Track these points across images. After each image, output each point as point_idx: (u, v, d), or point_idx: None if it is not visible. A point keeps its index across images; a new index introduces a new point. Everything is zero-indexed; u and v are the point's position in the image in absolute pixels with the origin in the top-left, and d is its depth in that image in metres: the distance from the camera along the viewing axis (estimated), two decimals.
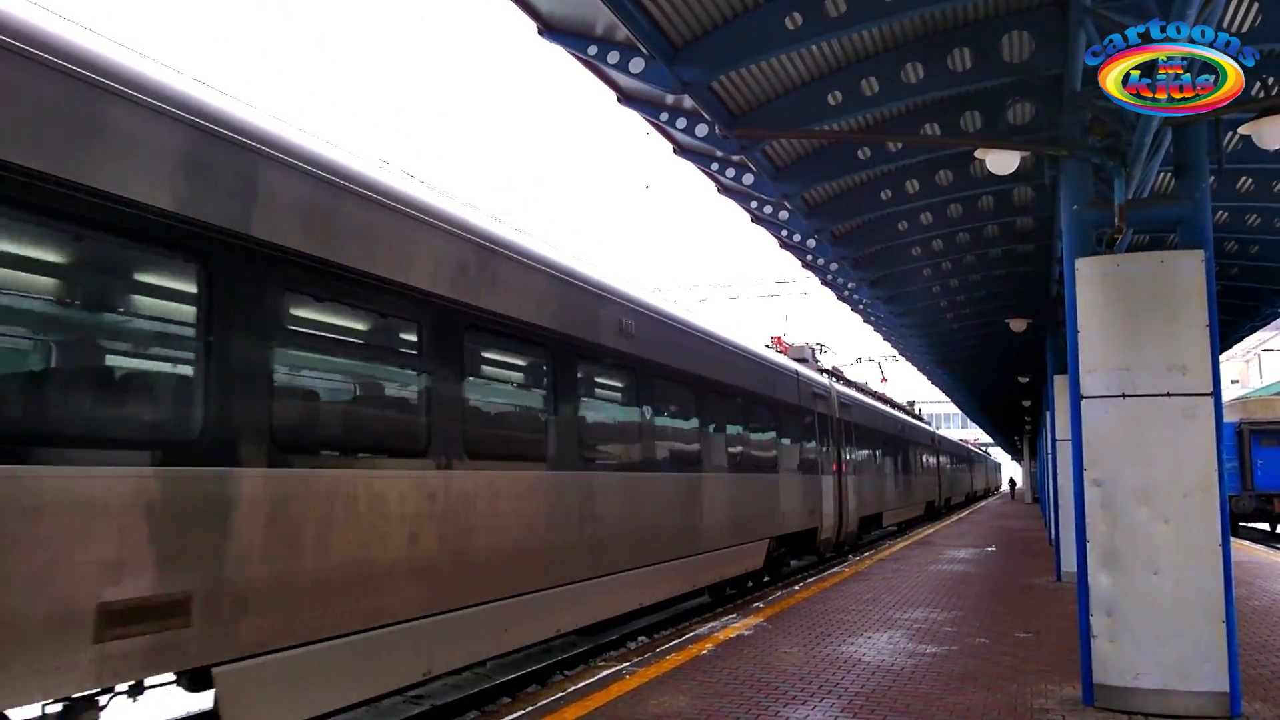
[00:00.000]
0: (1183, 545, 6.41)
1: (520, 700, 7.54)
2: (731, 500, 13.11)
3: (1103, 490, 6.67)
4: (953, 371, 30.47)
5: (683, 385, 11.71)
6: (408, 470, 6.63)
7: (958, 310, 19.49)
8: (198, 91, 5.34)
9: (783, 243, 15.19)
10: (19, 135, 4.27)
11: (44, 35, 4.46)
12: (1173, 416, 6.51)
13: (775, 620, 10.64)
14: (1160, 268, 6.77)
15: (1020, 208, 12.90)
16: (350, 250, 6.19)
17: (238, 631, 5.11)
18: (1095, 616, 6.59)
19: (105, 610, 4.34)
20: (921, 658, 8.47)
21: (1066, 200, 7.65)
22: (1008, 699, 6.92)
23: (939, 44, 8.85)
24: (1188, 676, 6.30)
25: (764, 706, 6.78)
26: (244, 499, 5.20)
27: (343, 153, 6.48)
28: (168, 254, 5.06)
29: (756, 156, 10.89)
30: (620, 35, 8.43)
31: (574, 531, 8.70)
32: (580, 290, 9.41)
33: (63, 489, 4.27)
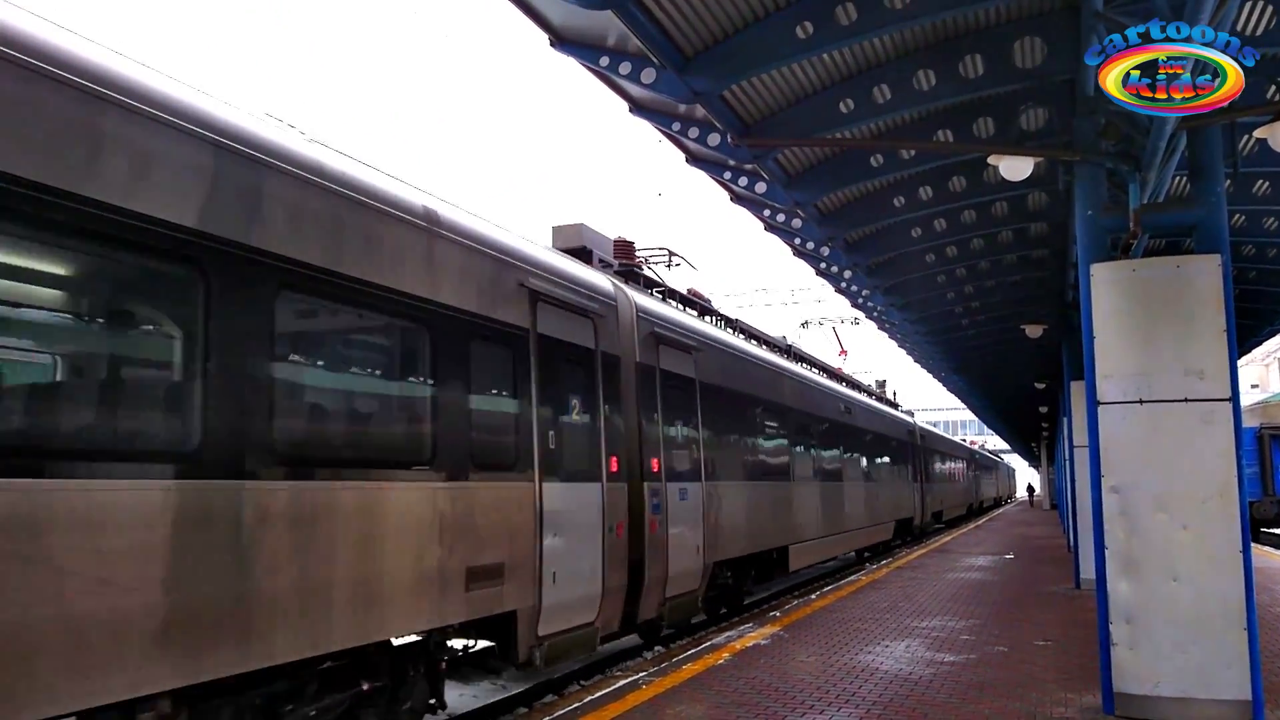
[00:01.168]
0: (1202, 552, 6.36)
1: (536, 711, 7.54)
2: (875, 498, 23.04)
3: (1121, 497, 6.62)
4: (968, 378, 30.37)
5: (861, 434, 22.24)
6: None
7: (972, 316, 19.44)
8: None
9: (796, 250, 15.19)
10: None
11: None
12: (1191, 422, 6.46)
13: (791, 629, 10.60)
14: (1176, 272, 6.73)
15: (1034, 213, 12.87)
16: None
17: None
18: (1115, 624, 6.54)
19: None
20: (939, 666, 8.43)
21: (1081, 205, 7.62)
22: (1027, 707, 6.88)
23: (951, 51, 8.85)
24: (1209, 684, 6.24)
25: (781, 716, 6.75)
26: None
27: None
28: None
29: (769, 165, 10.90)
30: (631, 46, 8.47)
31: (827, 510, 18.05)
32: (833, 398, 20.26)
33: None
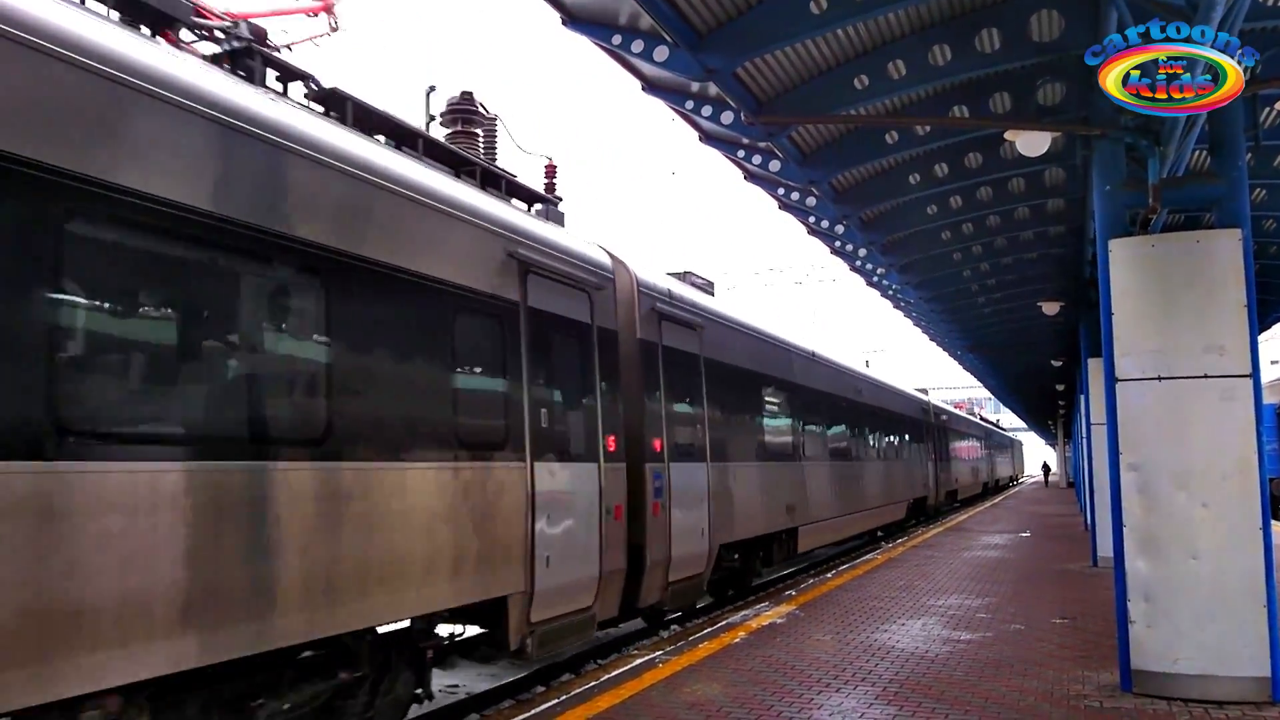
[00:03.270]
0: (1222, 529, 6.33)
1: (554, 689, 7.58)
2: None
3: (1139, 474, 6.59)
4: (984, 356, 30.21)
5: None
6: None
7: (989, 294, 19.33)
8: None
9: (810, 229, 15.12)
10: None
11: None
12: (1210, 398, 6.42)
13: (807, 608, 10.63)
14: (1196, 247, 6.67)
15: (1051, 189, 12.74)
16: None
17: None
18: (1133, 602, 6.52)
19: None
20: (956, 644, 8.43)
21: (1099, 181, 7.53)
22: (1044, 685, 6.88)
23: (966, 25, 8.74)
24: (1228, 662, 6.23)
25: (797, 694, 6.78)
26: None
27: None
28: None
29: (783, 143, 10.83)
30: (644, 24, 8.41)
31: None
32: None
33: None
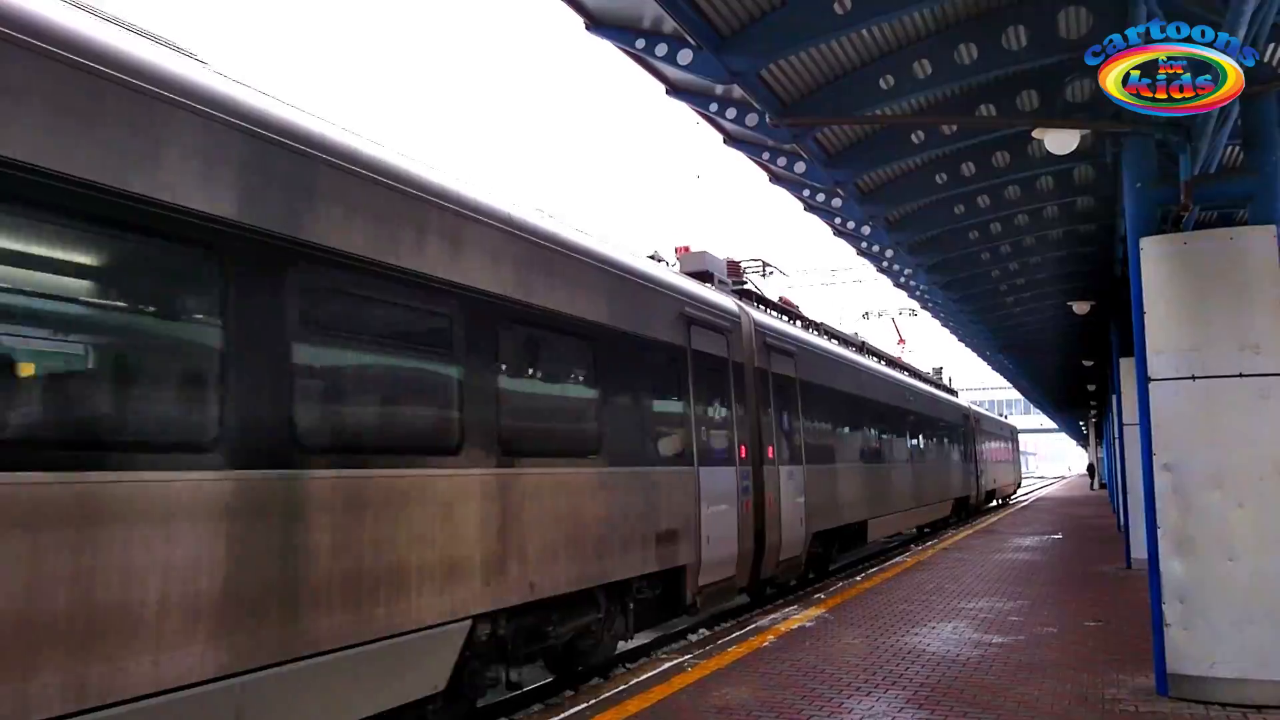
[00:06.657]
0: (1259, 530, 6.23)
1: (583, 693, 7.59)
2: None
3: (1173, 475, 6.51)
4: (1015, 357, 29.96)
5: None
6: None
7: (1018, 294, 19.18)
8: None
9: (836, 230, 15.05)
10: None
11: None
12: (1246, 398, 6.33)
13: (837, 611, 10.57)
14: (1230, 245, 6.58)
15: (1081, 187, 12.62)
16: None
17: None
18: (1168, 604, 6.43)
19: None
20: (988, 647, 8.36)
21: (1130, 178, 7.45)
22: (1078, 689, 6.80)
23: (993, 23, 8.70)
24: (1267, 665, 6.13)
25: (827, 698, 6.74)
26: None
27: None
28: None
29: (808, 144, 10.80)
30: (667, 27, 8.43)
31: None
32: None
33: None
